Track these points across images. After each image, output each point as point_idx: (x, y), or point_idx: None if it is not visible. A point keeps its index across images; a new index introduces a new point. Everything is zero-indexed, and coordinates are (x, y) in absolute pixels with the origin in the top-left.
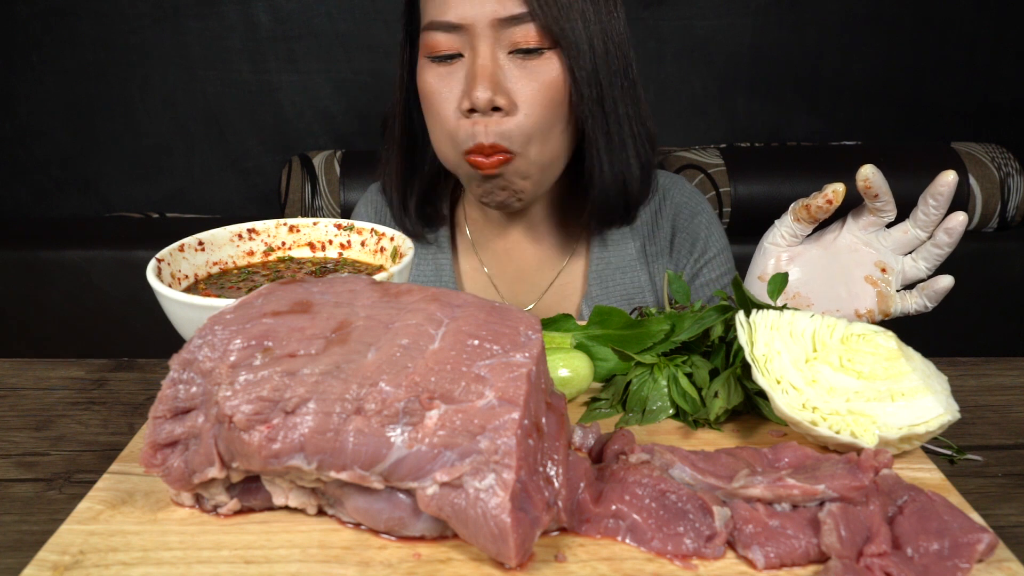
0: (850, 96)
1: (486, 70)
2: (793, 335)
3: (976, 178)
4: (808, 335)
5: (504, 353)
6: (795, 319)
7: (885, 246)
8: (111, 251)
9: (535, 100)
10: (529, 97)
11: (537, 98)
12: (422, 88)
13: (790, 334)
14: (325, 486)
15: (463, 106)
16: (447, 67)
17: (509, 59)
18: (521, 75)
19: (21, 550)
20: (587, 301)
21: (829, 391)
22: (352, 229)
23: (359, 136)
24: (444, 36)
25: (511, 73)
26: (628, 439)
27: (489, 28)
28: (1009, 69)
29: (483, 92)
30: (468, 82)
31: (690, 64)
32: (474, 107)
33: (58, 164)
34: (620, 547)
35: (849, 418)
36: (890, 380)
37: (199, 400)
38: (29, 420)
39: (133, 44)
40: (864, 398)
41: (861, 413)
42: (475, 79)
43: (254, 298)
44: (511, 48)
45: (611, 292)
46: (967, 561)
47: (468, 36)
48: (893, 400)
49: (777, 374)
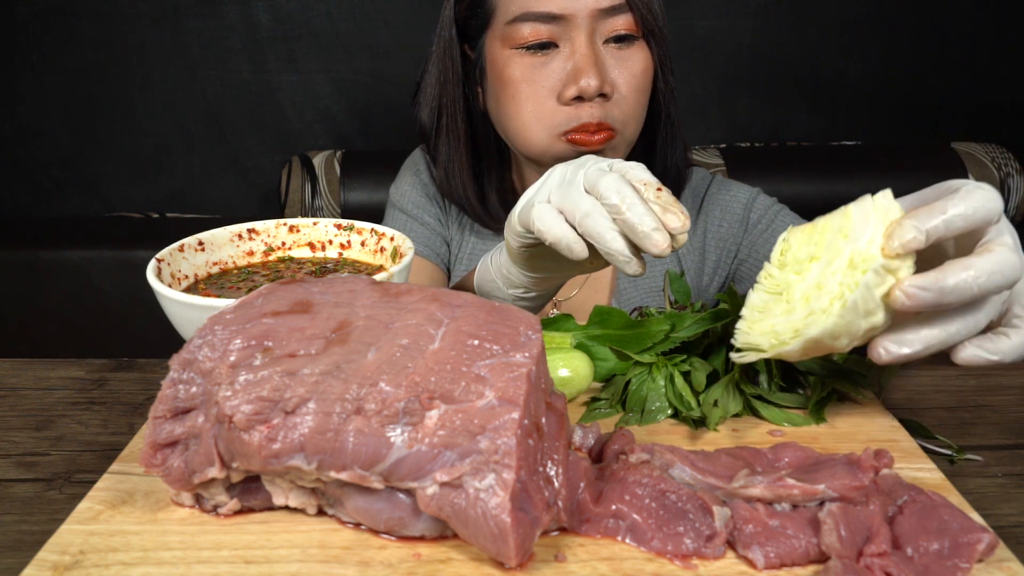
0: (850, 96)
1: (591, 59)
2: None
3: (976, 178)
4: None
5: (504, 353)
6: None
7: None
8: (111, 251)
9: (632, 86)
10: (627, 83)
11: (634, 84)
12: (508, 78)
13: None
14: (325, 486)
15: (567, 94)
16: (540, 57)
17: (604, 47)
18: (616, 64)
19: (21, 550)
20: (616, 296)
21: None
22: (352, 229)
23: (359, 136)
24: (538, 27)
25: (608, 62)
26: (628, 439)
27: (589, 18)
28: (1009, 69)
29: (592, 80)
30: (572, 72)
31: (690, 64)
32: (582, 95)
33: (58, 164)
34: (620, 547)
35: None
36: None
37: (199, 400)
38: (29, 420)
39: (133, 44)
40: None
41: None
42: (581, 69)
43: (254, 298)
44: (607, 37)
45: (639, 284)
46: (967, 561)
47: (566, 26)
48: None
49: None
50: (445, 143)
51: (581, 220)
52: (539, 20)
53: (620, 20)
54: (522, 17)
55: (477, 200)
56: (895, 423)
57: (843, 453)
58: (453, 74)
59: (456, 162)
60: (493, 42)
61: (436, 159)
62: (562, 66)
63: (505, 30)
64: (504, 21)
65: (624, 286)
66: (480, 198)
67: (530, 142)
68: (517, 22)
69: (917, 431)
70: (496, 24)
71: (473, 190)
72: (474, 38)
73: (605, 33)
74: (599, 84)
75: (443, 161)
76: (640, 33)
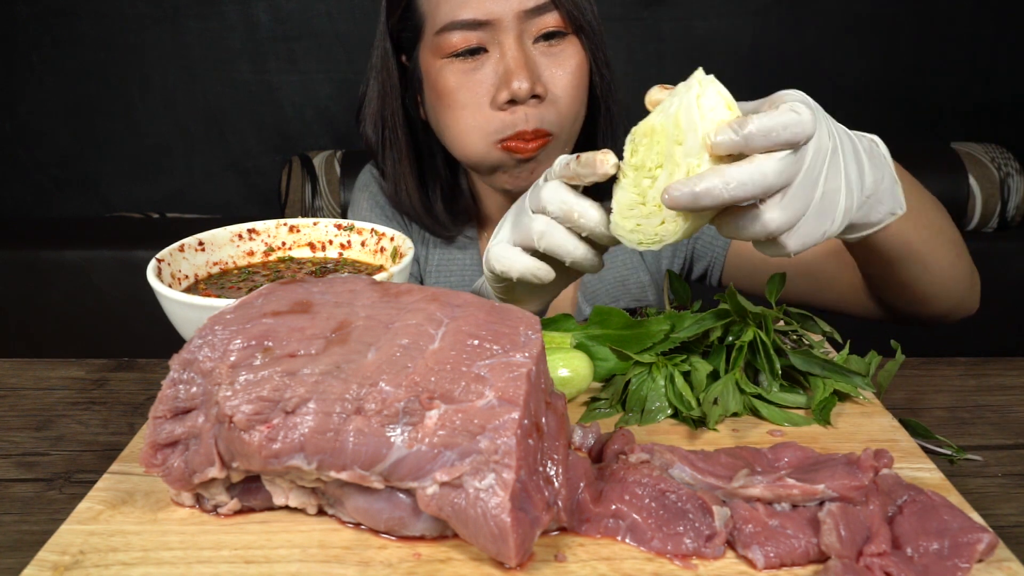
0: (850, 96)
1: (521, 61)
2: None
3: (976, 178)
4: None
5: (504, 353)
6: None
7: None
8: (111, 251)
9: (567, 84)
10: (561, 82)
11: (569, 82)
12: (442, 87)
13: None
14: (325, 486)
15: (500, 98)
16: (471, 63)
17: (535, 47)
18: (549, 63)
19: (21, 550)
20: (582, 291)
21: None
22: (352, 229)
23: (359, 136)
24: (466, 34)
25: (540, 61)
26: (628, 439)
27: (515, 20)
28: (1009, 69)
29: (523, 82)
30: (503, 75)
31: (690, 64)
32: (514, 98)
33: (58, 164)
34: (620, 547)
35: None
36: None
37: (199, 400)
38: (29, 420)
39: (133, 44)
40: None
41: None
42: (512, 71)
43: (254, 298)
44: (535, 36)
45: (603, 276)
46: (967, 561)
47: (493, 31)
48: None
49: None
50: (390, 156)
51: (539, 242)
52: (466, 28)
53: (547, 18)
54: (449, 27)
55: (424, 210)
56: (895, 423)
57: (843, 453)
58: (391, 87)
59: (402, 174)
60: (425, 53)
61: (384, 173)
62: (493, 70)
63: (435, 40)
64: (433, 32)
65: (588, 279)
66: (426, 208)
67: (468, 150)
68: (445, 31)
69: (917, 431)
70: (427, 35)
71: (420, 200)
72: (409, 50)
73: (534, 33)
74: (530, 86)
75: (390, 174)
76: (570, 29)
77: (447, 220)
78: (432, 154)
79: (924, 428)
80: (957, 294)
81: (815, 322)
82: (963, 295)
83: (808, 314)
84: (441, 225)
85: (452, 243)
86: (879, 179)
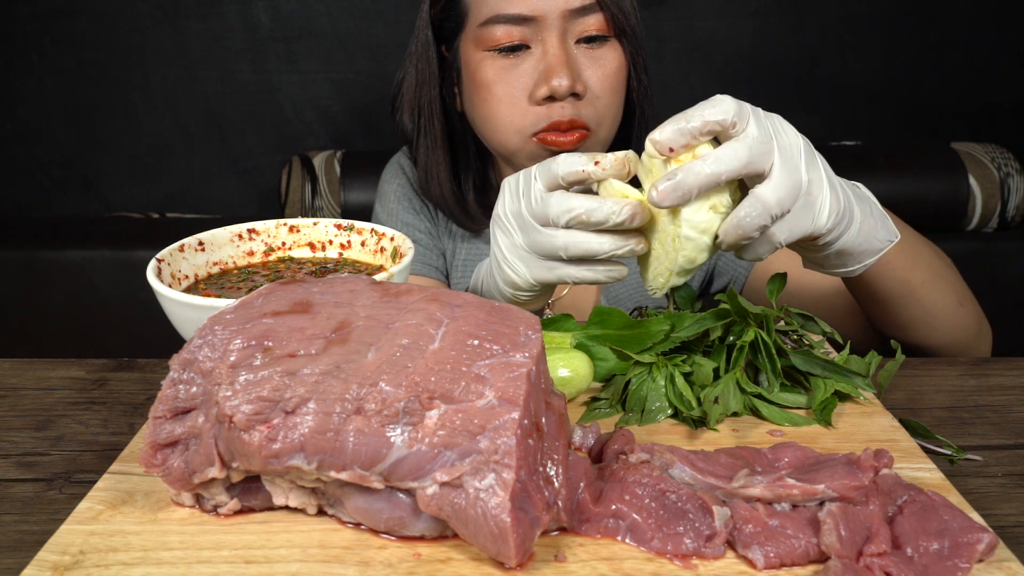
0: (850, 96)
1: (562, 59)
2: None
3: (976, 178)
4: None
5: (504, 353)
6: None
7: None
8: (111, 251)
9: (606, 86)
10: (600, 83)
11: (607, 83)
12: (480, 79)
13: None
14: (325, 486)
15: (539, 94)
16: (512, 59)
17: (576, 48)
18: (589, 63)
19: (21, 550)
20: (605, 293)
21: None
22: (352, 229)
23: (359, 136)
24: (509, 29)
25: (580, 61)
26: (628, 439)
27: (559, 19)
28: (1009, 69)
29: (563, 80)
30: (544, 72)
31: (690, 64)
32: (554, 95)
33: (58, 164)
34: (620, 547)
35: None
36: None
37: (199, 400)
38: (29, 420)
39: (133, 44)
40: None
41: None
42: (553, 68)
43: (254, 298)
44: (578, 37)
45: (626, 281)
46: (967, 561)
47: (537, 27)
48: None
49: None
50: (424, 144)
51: (566, 254)
52: (510, 22)
53: (591, 20)
54: (494, 19)
55: (455, 201)
56: (895, 423)
57: (843, 453)
58: (430, 75)
59: (434, 163)
60: (467, 44)
61: (416, 161)
62: (534, 67)
63: (478, 32)
64: (476, 23)
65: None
66: (458, 199)
67: (504, 143)
68: (489, 24)
69: (917, 431)
70: (469, 26)
71: (451, 190)
72: (450, 40)
73: (576, 33)
74: (571, 84)
75: (423, 163)
76: (612, 33)
77: (477, 212)
78: (466, 145)
79: (924, 428)
80: (962, 341)
81: (816, 322)
82: (968, 343)
83: (809, 314)
84: (470, 217)
85: (479, 236)
86: (862, 199)
